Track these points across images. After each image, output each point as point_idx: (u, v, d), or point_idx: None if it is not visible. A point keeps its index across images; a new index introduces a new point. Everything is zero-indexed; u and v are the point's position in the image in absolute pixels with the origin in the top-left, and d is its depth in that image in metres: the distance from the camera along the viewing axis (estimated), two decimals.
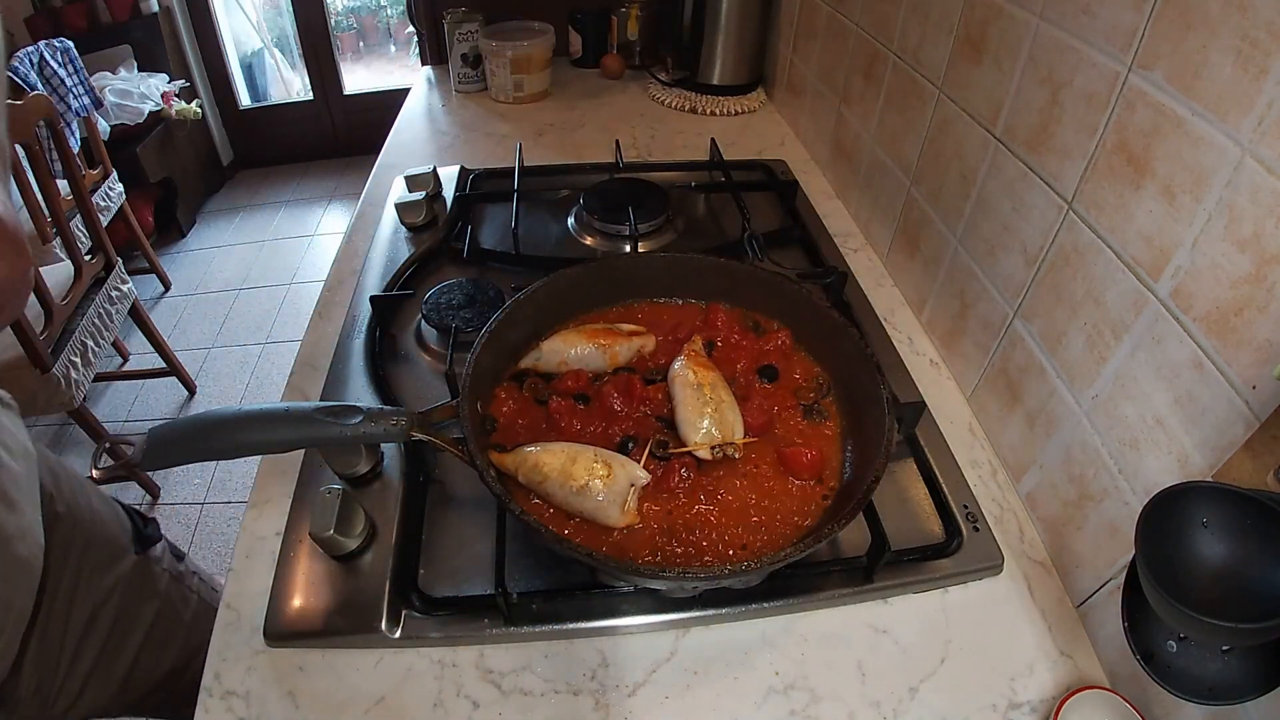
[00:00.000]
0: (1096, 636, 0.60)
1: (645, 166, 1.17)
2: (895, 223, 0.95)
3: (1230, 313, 0.47)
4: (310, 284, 2.73)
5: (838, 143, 1.13)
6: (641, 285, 0.78)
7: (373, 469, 0.68)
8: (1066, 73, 0.61)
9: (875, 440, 0.59)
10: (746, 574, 0.52)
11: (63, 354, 1.65)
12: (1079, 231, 0.61)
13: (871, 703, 0.57)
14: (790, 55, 1.32)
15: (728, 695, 0.57)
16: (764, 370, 0.71)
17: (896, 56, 0.91)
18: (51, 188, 1.67)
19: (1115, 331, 0.57)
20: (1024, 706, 0.57)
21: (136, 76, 2.68)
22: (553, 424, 0.65)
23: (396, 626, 0.58)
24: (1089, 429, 0.61)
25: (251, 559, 0.65)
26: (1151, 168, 0.52)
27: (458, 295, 0.86)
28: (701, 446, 0.61)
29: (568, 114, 1.41)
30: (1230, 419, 0.47)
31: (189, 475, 2.03)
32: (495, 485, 0.55)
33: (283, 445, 0.58)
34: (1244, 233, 0.45)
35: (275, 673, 0.58)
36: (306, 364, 0.84)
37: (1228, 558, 0.40)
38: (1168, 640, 0.44)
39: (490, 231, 1.05)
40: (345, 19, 3.57)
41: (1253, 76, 0.43)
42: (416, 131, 1.39)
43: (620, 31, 1.54)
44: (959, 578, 0.64)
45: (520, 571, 0.62)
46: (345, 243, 1.05)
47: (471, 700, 0.57)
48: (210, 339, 2.50)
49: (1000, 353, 0.74)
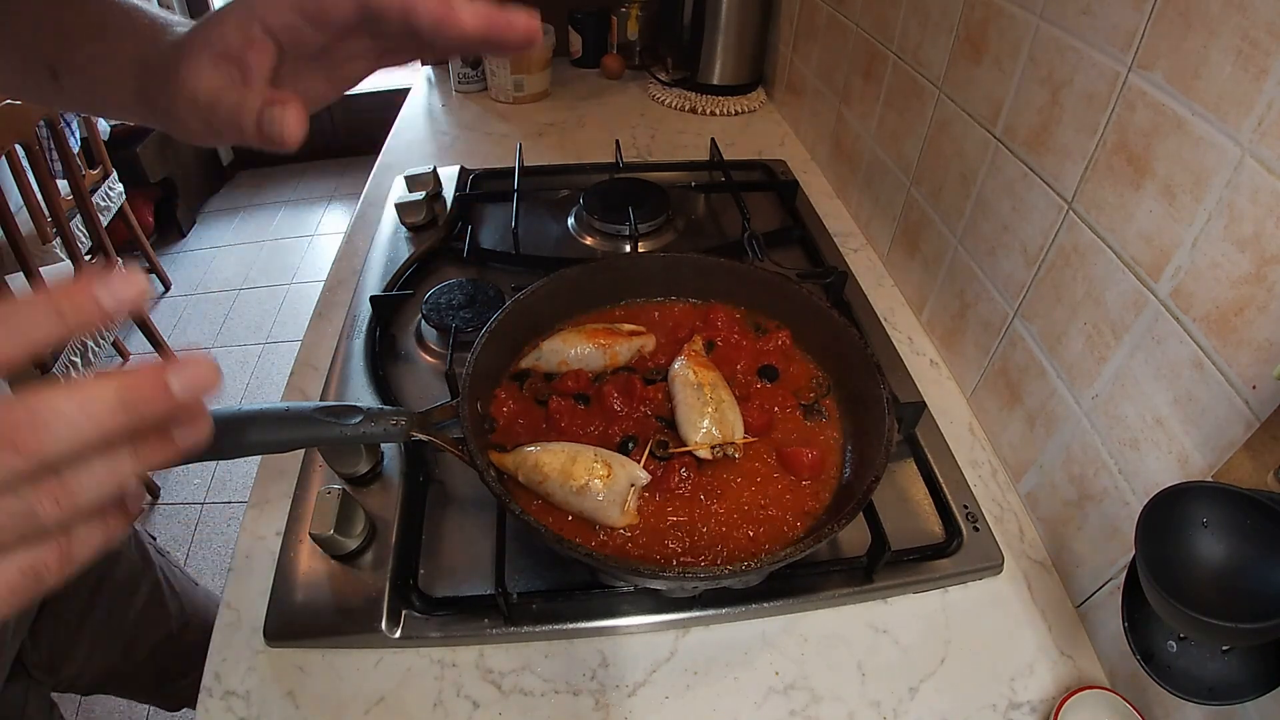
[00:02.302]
0: (1096, 636, 0.60)
1: (645, 166, 1.17)
2: (895, 223, 0.95)
3: (1230, 313, 0.47)
4: (310, 284, 2.73)
5: (838, 142, 1.13)
6: (641, 285, 0.78)
7: (373, 469, 0.68)
8: (1066, 73, 0.61)
9: (875, 440, 0.59)
10: (746, 574, 0.52)
11: (63, 354, 1.65)
12: (1079, 231, 0.61)
13: (871, 703, 0.57)
14: (790, 55, 1.32)
15: (728, 695, 0.57)
16: (764, 370, 0.71)
17: (896, 56, 0.91)
18: (51, 188, 1.67)
19: (1115, 331, 0.57)
20: (1024, 706, 0.57)
21: None
22: (553, 424, 0.65)
23: (396, 626, 0.58)
24: (1089, 429, 0.61)
25: (251, 559, 0.65)
26: (1151, 168, 0.52)
27: (458, 295, 0.86)
28: (701, 446, 0.61)
29: (568, 114, 1.42)
30: (1230, 419, 0.47)
31: (189, 475, 2.03)
32: (495, 485, 0.55)
33: (283, 445, 0.58)
34: (1244, 233, 0.45)
35: (275, 673, 0.58)
36: (306, 364, 0.84)
37: (1228, 558, 0.40)
38: (1168, 640, 0.44)
39: (490, 231, 1.05)
40: None
41: (1253, 76, 0.43)
42: (416, 131, 1.39)
43: (620, 31, 1.54)
44: (959, 578, 0.64)
45: (520, 571, 0.62)
46: (345, 243, 1.05)
47: (471, 700, 0.57)
48: (210, 339, 2.50)
49: (1000, 353, 0.74)
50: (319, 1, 0.34)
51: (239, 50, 0.35)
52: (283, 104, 0.35)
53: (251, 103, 0.35)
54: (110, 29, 0.41)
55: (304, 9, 0.35)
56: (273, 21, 0.35)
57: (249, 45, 0.35)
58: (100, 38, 0.41)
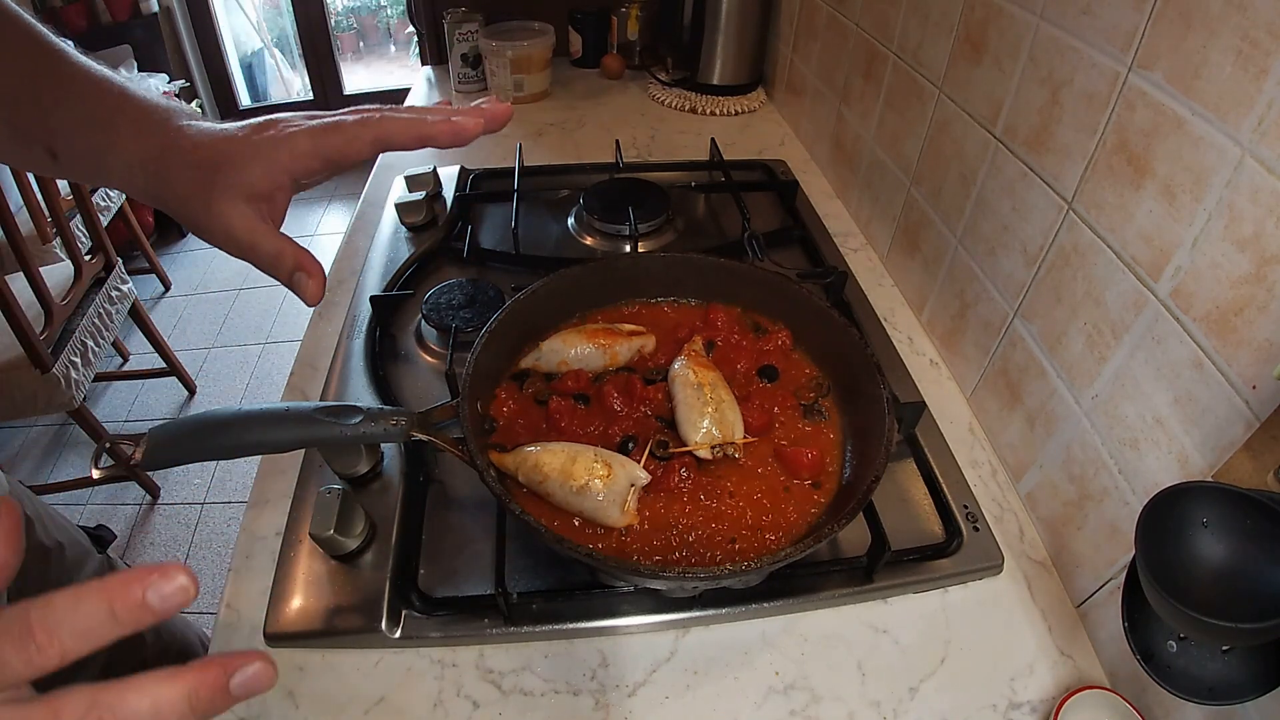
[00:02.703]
0: (1096, 636, 0.60)
1: (645, 166, 1.17)
2: (895, 223, 0.95)
3: (1230, 312, 0.47)
4: None
5: (838, 143, 1.13)
6: (641, 285, 0.78)
7: (373, 469, 0.68)
8: (1066, 72, 0.61)
9: (875, 440, 0.59)
10: (746, 574, 0.52)
11: (63, 354, 1.65)
12: (1079, 231, 0.61)
13: (871, 703, 0.57)
14: (790, 55, 1.32)
15: (728, 695, 0.57)
16: (764, 370, 0.71)
17: (896, 56, 0.91)
18: (51, 187, 1.67)
19: (1115, 331, 0.57)
20: (1024, 706, 0.57)
21: (137, 76, 2.68)
22: (553, 424, 0.65)
23: (396, 626, 0.58)
24: (1089, 429, 0.61)
25: (251, 559, 0.65)
26: (1151, 168, 0.52)
27: (458, 295, 0.86)
28: (701, 446, 0.61)
29: (568, 114, 1.42)
30: (1230, 419, 0.47)
31: (189, 475, 2.03)
32: (495, 485, 0.55)
33: (283, 445, 0.58)
34: (1244, 233, 0.45)
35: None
36: (306, 364, 0.84)
37: (1228, 558, 0.40)
38: (1168, 640, 0.44)
39: (490, 231, 1.05)
40: (345, 19, 3.57)
41: (1253, 76, 0.43)
42: None
43: (620, 31, 1.54)
44: (959, 578, 0.64)
45: (520, 571, 0.62)
46: (345, 243, 1.05)
47: (471, 700, 0.57)
48: (210, 339, 2.50)
49: (1000, 353, 0.74)
50: (341, 149, 0.40)
51: (268, 194, 0.41)
52: (309, 274, 0.42)
53: (287, 260, 0.42)
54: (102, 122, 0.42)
55: (327, 157, 0.41)
56: (298, 170, 0.41)
57: (278, 190, 0.41)
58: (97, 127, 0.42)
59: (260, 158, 0.40)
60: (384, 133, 0.40)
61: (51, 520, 0.72)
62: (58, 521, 0.73)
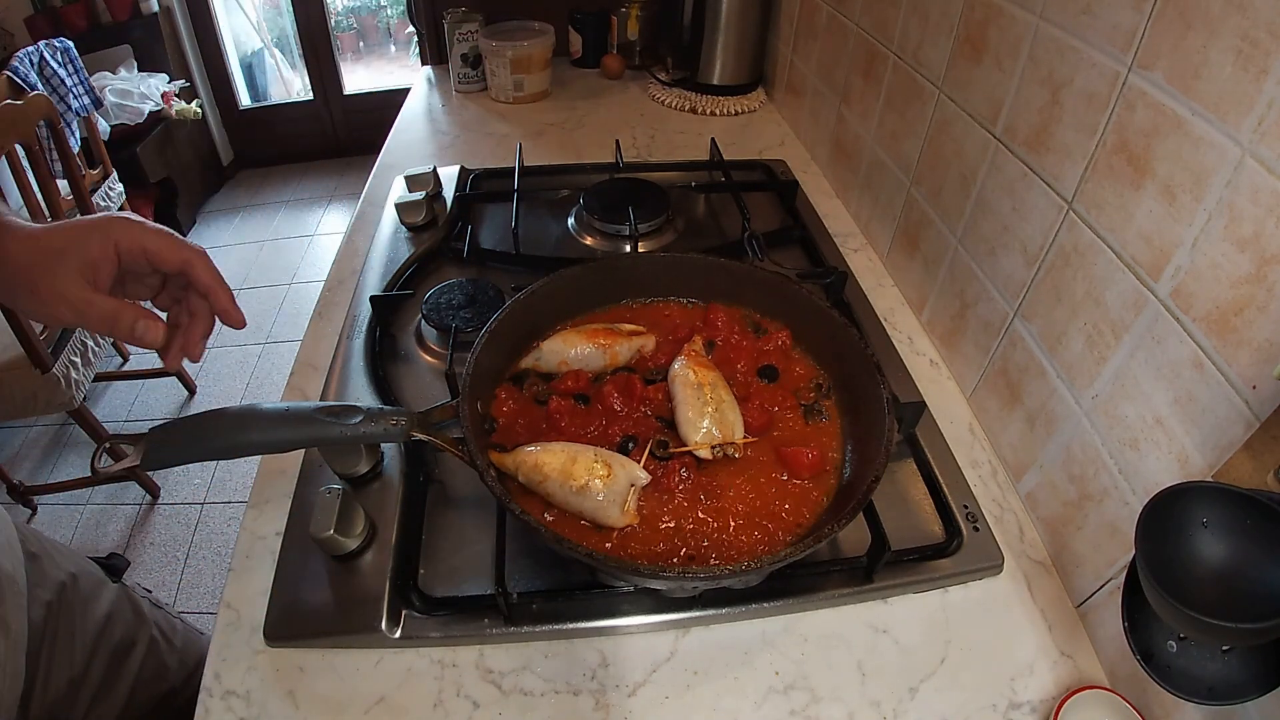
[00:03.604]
0: (1096, 636, 0.60)
1: (645, 166, 1.17)
2: (895, 223, 0.95)
3: (1230, 312, 0.47)
4: (310, 284, 2.73)
5: (838, 143, 1.13)
6: (641, 285, 0.78)
7: (373, 469, 0.68)
8: (1066, 73, 0.61)
9: (875, 440, 0.59)
10: (746, 574, 0.52)
11: (63, 354, 1.65)
12: (1079, 231, 0.61)
13: (871, 703, 0.57)
14: (790, 55, 1.32)
15: (728, 695, 0.57)
16: (764, 370, 0.71)
17: (896, 56, 0.91)
18: (51, 188, 1.67)
19: (1115, 331, 0.57)
20: (1024, 706, 0.57)
21: (136, 76, 2.68)
22: (553, 424, 0.65)
23: (396, 626, 0.58)
24: (1089, 429, 0.61)
25: (251, 559, 0.65)
26: (1151, 168, 0.52)
27: (458, 295, 0.86)
28: (701, 446, 0.61)
29: (568, 114, 1.42)
30: (1230, 419, 0.47)
31: (189, 475, 2.03)
32: (495, 485, 0.55)
33: (283, 445, 0.58)
34: (1244, 233, 0.45)
35: (275, 673, 0.58)
36: (306, 364, 0.84)
37: (1228, 558, 0.40)
38: (1168, 640, 0.44)
39: (490, 231, 1.05)
40: (345, 19, 3.57)
41: (1253, 76, 0.43)
42: (416, 131, 1.39)
43: (620, 31, 1.54)
44: (959, 578, 0.64)
45: (520, 571, 0.62)
46: (345, 243, 1.05)
47: (471, 700, 0.57)
48: (210, 339, 2.49)
49: (1000, 353, 0.74)
50: (156, 252, 0.51)
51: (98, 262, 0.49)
52: (148, 320, 0.51)
53: (126, 316, 0.50)
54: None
55: (146, 250, 0.51)
56: (124, 246, 0.50)
57: (105, 259, 0.49)
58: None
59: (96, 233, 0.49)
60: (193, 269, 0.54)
61: (59, 552, 0.72)
62: (65, 553, 0.73)
